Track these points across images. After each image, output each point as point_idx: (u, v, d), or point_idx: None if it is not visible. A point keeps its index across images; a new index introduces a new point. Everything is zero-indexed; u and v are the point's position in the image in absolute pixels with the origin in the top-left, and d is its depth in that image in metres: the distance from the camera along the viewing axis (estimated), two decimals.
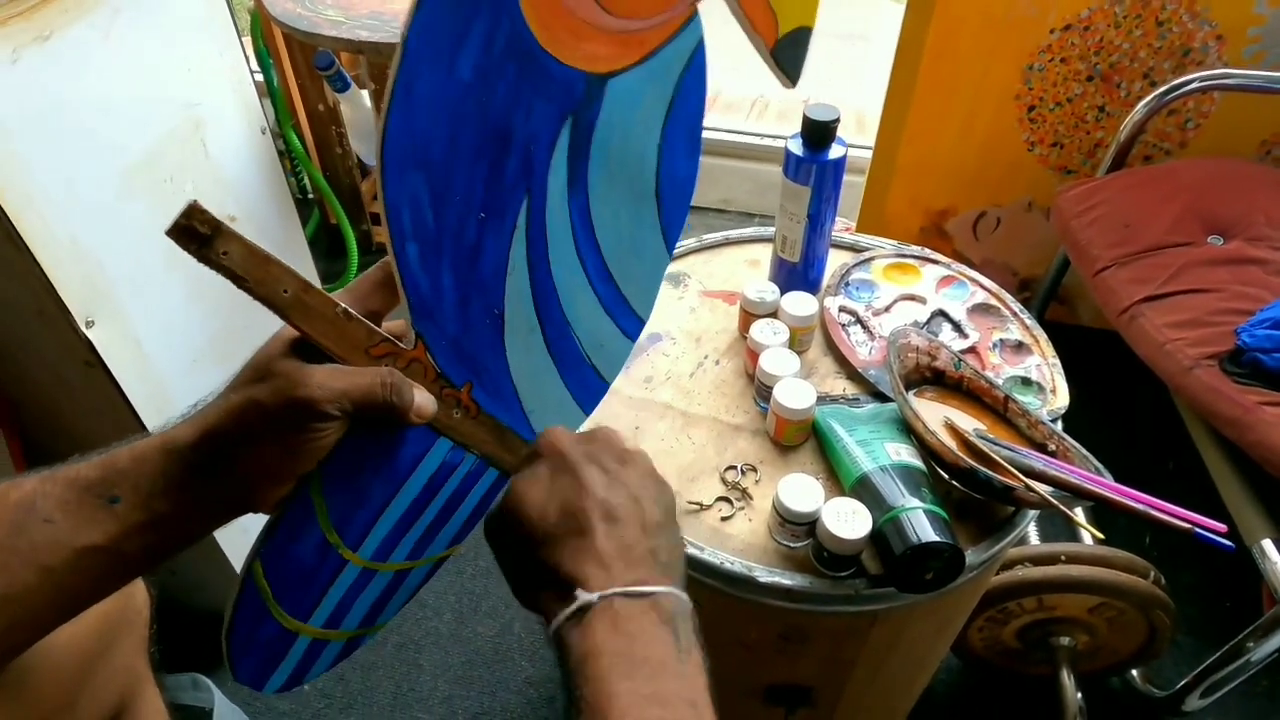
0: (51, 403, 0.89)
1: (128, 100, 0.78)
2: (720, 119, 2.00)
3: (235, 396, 0.39)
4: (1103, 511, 0.59)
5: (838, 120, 0.72)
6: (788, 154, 0.74)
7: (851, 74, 2.65)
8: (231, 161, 0.96)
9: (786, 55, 0.57)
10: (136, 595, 0.58)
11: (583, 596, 0.38)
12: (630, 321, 0.57)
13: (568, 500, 0.41)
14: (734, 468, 0.69)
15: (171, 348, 0.86)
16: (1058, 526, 1.19)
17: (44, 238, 0.70)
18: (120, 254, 0.79)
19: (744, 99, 2.14)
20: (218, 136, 0.92)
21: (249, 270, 0.38)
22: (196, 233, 0.36)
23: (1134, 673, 1.10)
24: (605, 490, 0.42)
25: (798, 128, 0.73)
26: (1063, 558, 0.94)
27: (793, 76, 0.58)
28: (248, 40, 1.50)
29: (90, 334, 0.77)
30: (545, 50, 0.43)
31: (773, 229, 0.83)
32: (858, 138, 1.80)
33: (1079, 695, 1.01)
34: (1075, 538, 1.11)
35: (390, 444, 0.46)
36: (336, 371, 0.40)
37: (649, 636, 0.38)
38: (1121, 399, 1.37)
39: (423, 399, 0.43)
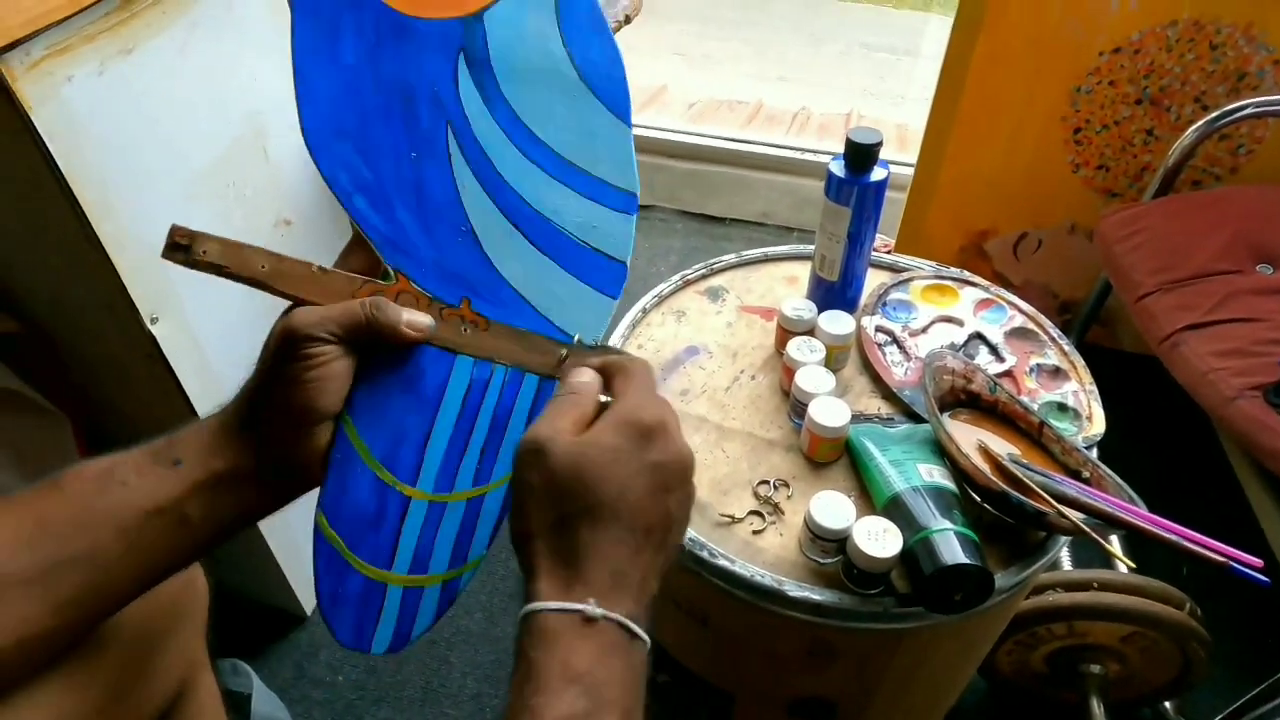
0: (114, 391, 0.93)
1: (199, 109, 0.82)
2: (761, 132, 2.01)
3: (257, 364, 0.46)
4: (1139, 541, 0.59)
5: (880, 143, 0.73)
6: (829, 175, 0.75)
7: (899, 88, 2.65)
8: (289, 167, 1.00)
9: None
10: (197, 582, 0.61)
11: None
12: (616, 197, 0.55)
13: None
14: (767, 482, 0.70)
15: (228, 346, 0.89)
16: (1092, 553, 1.17)
17: (118, 239, 0.74)
18: None
19: (785, 112, 2.15)
20: (278, 144, 0.95)
21: (228, 258, 0.46)
22: (180, 245, 0.45)
23: (1167, 705, 1.08)
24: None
25: (839, 143, 0.75)
26: (1095, 584, 0.94)
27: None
28: None
29: (154, 330, 0.81)
30: (410, 16, 0.50)
31: (811, 246, 0.84)
32: (901, 154, 1.80)
33: None
34: (1110, 565, 1.10)
35: (407, 372, 0.49)
36: (317, 306, 0.45)
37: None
38: (1162, 426, 1.35)
39: (413, 314, 0.47)
